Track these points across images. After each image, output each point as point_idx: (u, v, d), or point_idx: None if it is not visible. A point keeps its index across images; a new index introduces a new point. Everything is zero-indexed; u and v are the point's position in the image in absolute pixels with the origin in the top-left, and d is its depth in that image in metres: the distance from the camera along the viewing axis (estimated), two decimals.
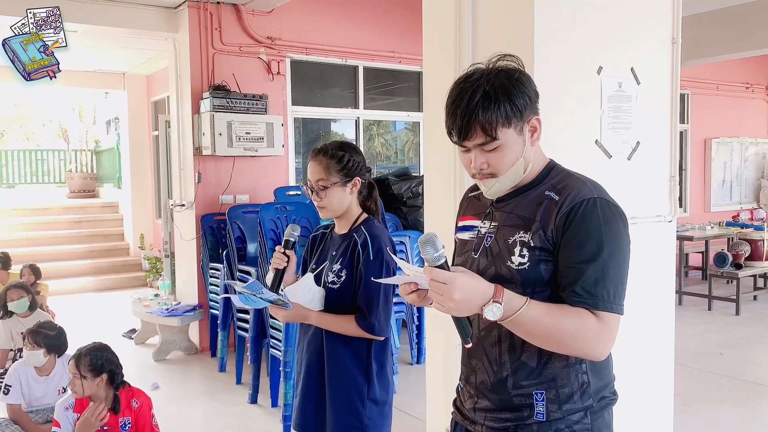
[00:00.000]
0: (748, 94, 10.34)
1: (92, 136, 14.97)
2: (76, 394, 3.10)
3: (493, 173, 1.53)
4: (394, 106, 7.73)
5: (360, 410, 2.17)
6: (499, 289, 1.39)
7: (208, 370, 5.57)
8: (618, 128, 2.79)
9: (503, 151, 1.50)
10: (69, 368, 3.13)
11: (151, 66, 9.32)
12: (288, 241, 2.24)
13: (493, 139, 1.48)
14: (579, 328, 1.43)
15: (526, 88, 1.52)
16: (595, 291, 1.44)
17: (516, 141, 1.51)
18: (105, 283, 9.53)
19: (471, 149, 1.53)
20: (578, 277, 1.44)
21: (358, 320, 2.13)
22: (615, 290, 1.46)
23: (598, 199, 1.49)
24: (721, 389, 4.93)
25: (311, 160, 2.25)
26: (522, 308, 1.39)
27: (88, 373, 3.07)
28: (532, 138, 1.55)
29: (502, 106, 1.47)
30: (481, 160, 1.52)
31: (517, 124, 1.50)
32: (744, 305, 7.44)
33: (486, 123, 1.46)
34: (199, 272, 6.07)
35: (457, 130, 1.51)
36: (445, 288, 1.34)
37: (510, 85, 1.49)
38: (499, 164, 1.52)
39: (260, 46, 6.23)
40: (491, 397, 1.60)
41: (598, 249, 1.45)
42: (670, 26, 2.96)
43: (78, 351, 3.16)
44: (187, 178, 6.14)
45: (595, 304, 1.43)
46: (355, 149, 2.30)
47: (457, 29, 2.88)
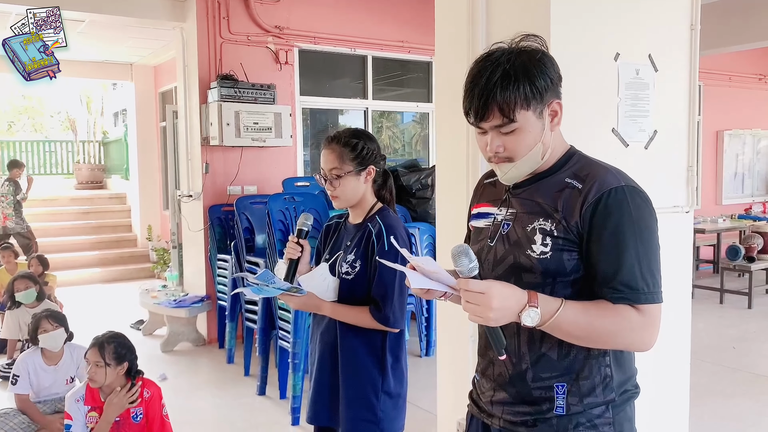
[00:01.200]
0: (761, 86, 10.20)
1: (100, 127, 14.96)
2: (97, 383, 3.05)
3: (510, 157, 1.48)
4: (403, 97, 7.66)
5: (374, 403, 2.13)
6: (532, 293, 1.35)
7: (216, 362, 5.55)
8: (635, 116, 2.72)
9: (521, 134, 1.45)
10: (89, 356, 3.07)
11: (158, 56, 9.28)
12: (301, 230, 2.19)
13: (511, 121, 1.42)
14: (620, 325, 1.39)
15: (548, 69, 1.46)
16: (634, 284, 1.39)
17: (535, 124, 1.45)
18: (112, 274, 9.54)
19: (488, 131, 1.47)
20: (615, 272, 1.40)
21: (373, 312, 2.09)
22: (653, 279, 1.41)
23: (625, 187, 1.43)
24: (734, 383, 4.87)
25: (324, 148, 2.20)
26: (559, 310, 1.36)
27: (113, 361, 3.05)
28: (552, 122, 1.49)
29: (522, 86, 1.41)
30: (497, 143, 1.47)
31: (537, 107, 1.44)
32: (756, 299, 7.37)
33: (504, 104, 1.41)
34: (206, 263, 6.04)
35: (474, 110, 1.45)
36: (483, 298, 1.30)
37: (531, 66, 1.43)
38: (516, 148, 1.46)
39: (268, 35, 6.17)
40: (509, 389, 1.56)
41: (632, 239, 1.40)
42: (689, 11, 2.88)
43: (98, 339, 3.12)
44: (195, 168, 6.10)
45: (636, 298, 1.39)
46: (370, 137, 2.25)
47: (471, 15, 2.82)
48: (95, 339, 3.12)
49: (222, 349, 5.78)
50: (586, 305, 1.40)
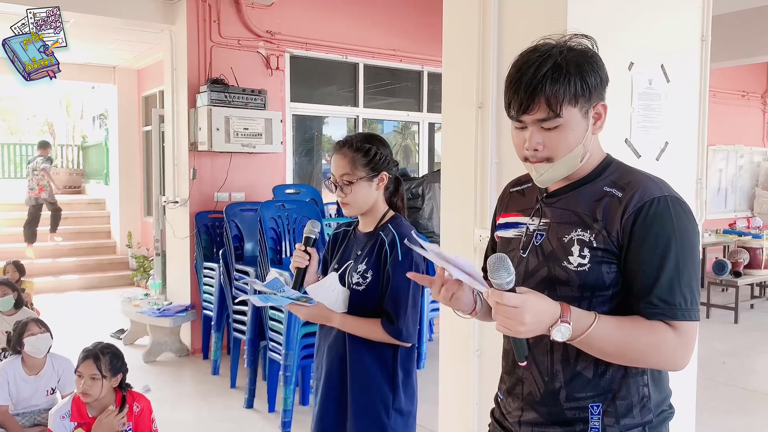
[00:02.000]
0: (744, 102, 10.33)
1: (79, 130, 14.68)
2: (92, 397, 2.89)
3: (550, 157, 1.39)
4: (393, 106, 7.59)
5: (384, 421, 2.03)
6: (565, 307, 1.28)
7: (201, 373, 5.39)
8: (648, 127, 2.68)
9: (564, 131, 1.36)
10: (83, 370, 2.90)
11: (142, 60, 9.13)
12: (309, 238, 2.09)
13: (557, 115, 1.34)
14: (655, 343, 1.32)
15: (599, 68, 1.39)
16: (672, 299, 1.32)
17: (579, 123, 1.37)
18: (91, 281, 9.30)
19: (528, 126, 1.38)
20: (652, 285, 1.32)
21: (385, 325, 1.99)
22: (691, 295, 1.34)
23: (668, 197, 1.36)
24: (727, 398, 4.84)
25: (335, 153, 2.11)
26: (592, 326, 1.28)
27: (109, 373, 2.91)
28: (595, 125, 1.42)
29: (573, 80, 1.33)
30: (537, 139, 1.38)
31: (584, 106, 1.37)
32: (741, 313, 7.40)
33: (552, 96, 1.33)
34: (192, 271, 5.88)
35: (518, 101, 1.36)
36: (516, 312, 1.23)
37: (583, 62, 1.37)
38: (557, 146, 1.37)
39: (259, 40, 6.07)
40: (540, 409, 1.47)
41: (672, 252, 1.33)
42: (700, 23, 2.85)
43: (91, 351, 2.95)
44: (182, 174, 5.96)
45: (673, 314, 1.32)
46: (382, 141, 2.15)
47: (482, 24, 2.75)
48: (87, 351, 2.96)
49: (207, 360, 5.62)
50: (621, 321, 1.33)
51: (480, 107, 2.77)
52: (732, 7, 6.15)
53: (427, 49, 6.98)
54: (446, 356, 3.02)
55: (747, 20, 7.12)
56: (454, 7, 2.95)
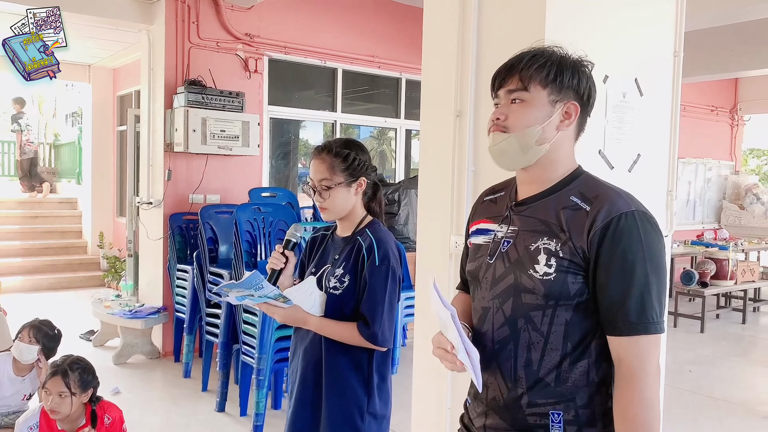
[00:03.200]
0: (713, 117, 10.57)
1: (51, 129, 14.43)
2: (60, 414, 2.76)
3: (507, 127, 1.47)
4: (371, 112, 7.62)
5: (359, 425, 2.04)
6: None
7: (172, 376, 5.34)
8: (621, 139, 2.74)
9: (526, 107, 1.46)
10: (50, 386, 2.76)
11: (118, 59, 9.02)
12: (289, 241, 2.10)
13: (524, 89, 1.45)
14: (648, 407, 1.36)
15: (582, 76, 1.48)
16: (642, 314, 1.36)
17: (543, 106, 1.46)
18: (60, 281, 9.15)
19: (501, 101, 1.50)
20: (623, 300, 1.36)
21: (361, 328, 2.01)
22: (660, 308, 1.39)
23: (635, 212, 1.40)
24: (694, 406, 4.95)
25: (314, 158, 2.12)
26: None
27: (78, 389, 2.78)
28: (562, 122, 1.47)
29: (548, 68, 1.45)
30: (503, 110, 1.49)
31: (553, 94, 1.46)
32: (707, 323, 7.55)
33: (525, 73, 1.45)
34: (165, 273, 5.83)
35: (498, 76, 1.50)
36: None
37: (569, 62, 1.47)
38: (516, 119, 1.46)
39: (238, 42, 6.05)
40: (503, 415, 1.49)
41: (641, 268, 1.36)
42: (673, 39, 2.93)
43: (59, 367, 2.82)
44: (156, 175, 5.91)
45: (645, 328, 1.36)
46: (361, 147, 2.17)
47: (461, 32, 2.79)
48: (55, 366, 2.83)
49: (178, 362, 5.57)
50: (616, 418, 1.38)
51: (458, 116, 2.81)
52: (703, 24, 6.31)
53: (405, 57, 7.03)
54: (420, 361, 3.04)
55: (717, 37, 7.30)
56: (433, 16, 2.99)
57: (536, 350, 1.43)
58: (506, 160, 1.51)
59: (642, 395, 1.35)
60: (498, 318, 1.48)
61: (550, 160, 1.49)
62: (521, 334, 1.44)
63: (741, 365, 6.19)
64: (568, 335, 1.42)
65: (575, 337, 1.42)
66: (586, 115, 1.53)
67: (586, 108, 1.51)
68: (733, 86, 10.89)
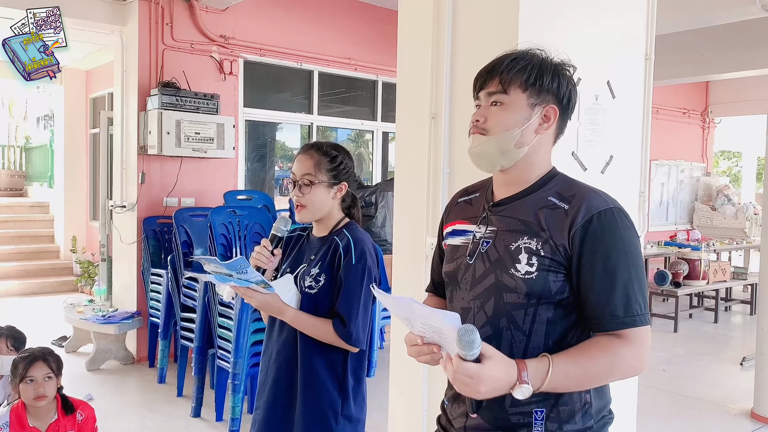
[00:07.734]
0: (685, 119, 10.74)
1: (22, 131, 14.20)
2: (48, 398, 2.83)
3: (486, 129, 1.48)
4: (348, 114, 7.61)
5: (333, 427, 2.02)
6: (521, 366, 1.30)
7: (147, 381, 5.27)
8: (594, 141, 2.77)
9: (506, 110, 1.47)
10: (35, 372, 2.82)
11: (91, 61, 8.91)
12: (275, 236, 2.07)
13: (504, 92, 1.46)
14: (613, 362, 1.38)
15: (563, 80, 1.49)
16: (629, 307, 1.38)
17: (523, 110, 1.47)
18: (32, 287, 8.98)
19: (482, 103, 1.51)
20: (609, 296, 1.38)
21: (337, 327, 1.99)
22: (644, 301, 1.41)
23: (613, 209, 1.43)
24: (666, 405, 5.01)
25: (301, 154, 2.12)
26: (549, 374, 1.32)
27: (57, 371, 2.88)
28: (541, 125, 1.49)
29: (528, 71, 1.46)
30: (483, 112, 1.50)
31: (533, 98, 1.47)
32: (681, 323, 7.66)
33: (505, 76, 1.46)
34: (139, 278, 5.76)
35: (479, 79, 1.51)
36: (472, 381, 1.26)
37: (549, 66, 1.48)
38: (496, 122, 1.47)
39: (213, 44, 6.01)
40: (485, 415, 1.49)
41: (623, 262, 1.39)
42: (644, 42, 2.97)
43: (34, 353, 2.90)
44: (130, 178, 5.83)
45: (633, 321, 1.38)
46: (349, 154, 2.19)
47: (436, 35, 2.80)
48: (31, 354, 2.89)
49: (153, 368, 5.50)
50: (575, 355, 1.37)
51: (433, 118, 2.81)
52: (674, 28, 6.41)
53: (381, 59, 7.04)
54: (396, 363, 3.04)
55: (688, 41, 7.42)
56: (408, 19, 2.99)
57: (518, 349, 1.44)
58: (485, 163, 1.52)
59: (616, 363, 1.38)
60: (479, 318, 1.49)
61: (528, 162, 1.50)
62: (503, 334, 1.45)
63: (713, 364, 6.28)
64: (549, 333, 1.43)
65: (556, 335, 1.44)
66: (566, 119, 1.54)
67: (566, 112, 1.53)
68: (704, 89, 11.07)
